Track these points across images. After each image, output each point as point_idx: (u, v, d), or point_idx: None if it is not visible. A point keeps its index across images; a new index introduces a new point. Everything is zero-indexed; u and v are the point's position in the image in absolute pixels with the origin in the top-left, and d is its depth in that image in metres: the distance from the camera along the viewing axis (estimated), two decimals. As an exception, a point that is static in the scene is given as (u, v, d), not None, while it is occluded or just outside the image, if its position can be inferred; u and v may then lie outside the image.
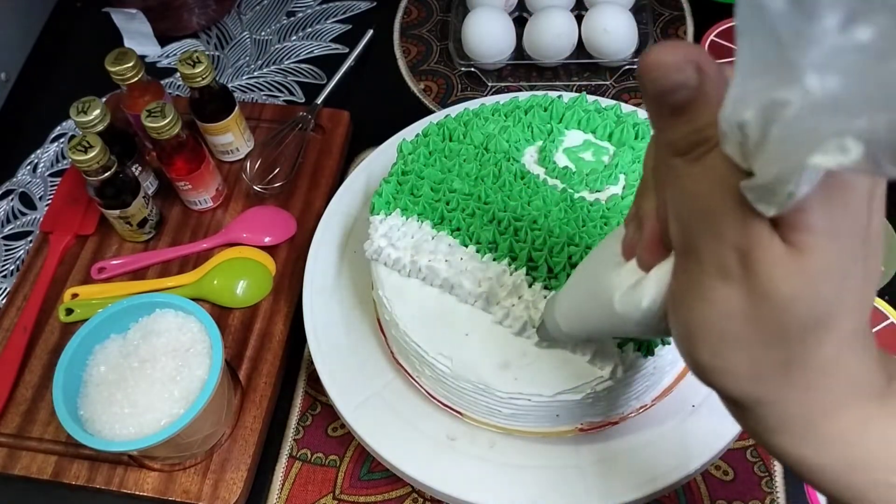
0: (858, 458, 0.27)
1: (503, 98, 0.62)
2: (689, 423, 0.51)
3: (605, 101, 0.59)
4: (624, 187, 0.53)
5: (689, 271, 0.26)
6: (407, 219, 0.52)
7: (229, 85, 0.80)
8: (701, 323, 0.25)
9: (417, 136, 0.56)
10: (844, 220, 0.23)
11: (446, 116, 0.57)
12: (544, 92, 0.59)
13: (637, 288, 0.30)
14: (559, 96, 0.58)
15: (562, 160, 0.55)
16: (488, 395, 0.47)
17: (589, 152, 0.55)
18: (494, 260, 0.49)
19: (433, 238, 0.51)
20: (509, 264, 0.49)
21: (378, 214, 0.53)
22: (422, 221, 0.52)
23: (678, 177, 0.25)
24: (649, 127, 0.56)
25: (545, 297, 0.47)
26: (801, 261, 0.23)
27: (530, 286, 0.48)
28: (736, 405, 0.27)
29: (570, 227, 0.50)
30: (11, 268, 0.71)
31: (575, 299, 0.38)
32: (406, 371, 0.53)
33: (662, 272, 0.29)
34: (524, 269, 0.48)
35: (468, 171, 0.53)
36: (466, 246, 0.50)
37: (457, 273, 0.49)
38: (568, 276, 0.48)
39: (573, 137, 0.56)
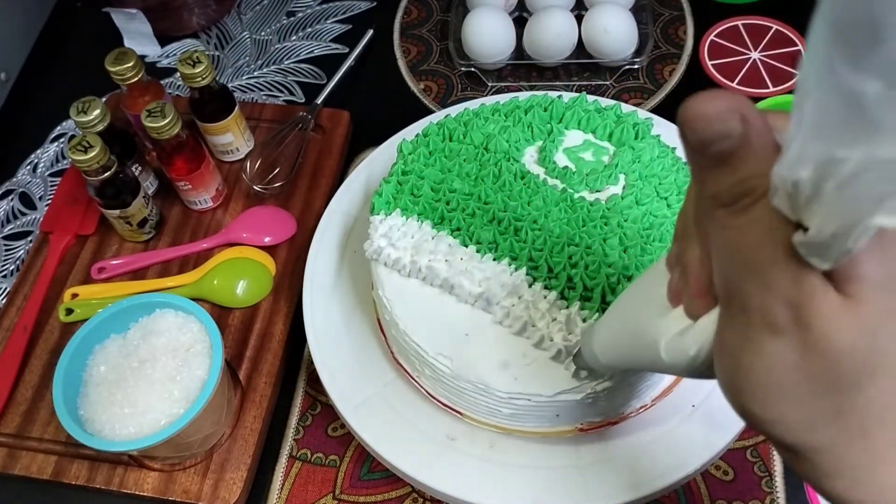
0: None
1: (503, 98, 0.62)
2: (690, 422, 0.51)
3: (605, 101, 0.59)
4: (624, 187, 0.53)
5: (735, 324, 0.25)
6: (407, 219, 0.52)
7: (229, 85, 0.80)
8: (749, 375, 0.25)
9: (417, 136, 0.56)
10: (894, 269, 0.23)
11: (446, 116, 0.57)
12: (544, 92, 0.59)
13: (684, 336, 0.29)
14: (559, 96, 0.58)
15: (562, 160, 0.55)
16: (488, 395, 0.47)
17: (589, 152, 0.55)
18: (494, 260, 0.49)
19: (433, 238, 0.51)
20: (509, 264, 0.49)
21: (378, 214, 0.53)
22: (422, 221, 0.52)
23: (722, 228, 0.24)
24: (650, 128, 0.56)
25: (545, 298, 0.47)
26: (857, 311, 0.22)
27: (530, 286, 0.48)
28: (789, 452, 0.27)
29: (571, 227, 0.50)
30: (11, 268, 0.71)
31: (615, 336, 0.38)
32: (406, 371, 0.53)
33: (710, 321, 0.28)
34: (524, 269, 0.48)
35: (468, 171, 0.53)
36: (466, 246, 0.50)
37: (457, 273, 0.49)
38: (568, 276, 0.48)
39: (573, 137, 0.56)
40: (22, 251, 0.72)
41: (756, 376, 0.25)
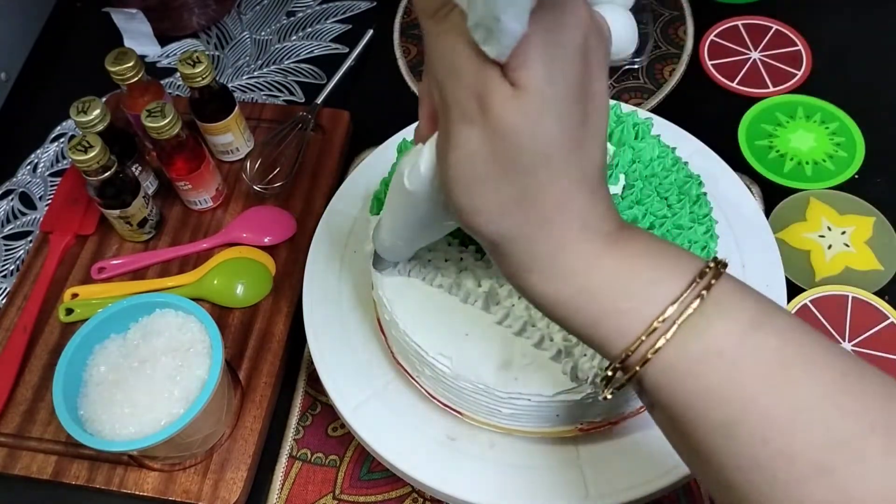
0: (592, 288, 0.30)
1: (503, 98, 0.62)
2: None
3: (605, 101, 0.59)
4: (623, 187, 0.53)
5: (443, 125, 0.30)
6: (407, 219, 0.52)
7: (229, 85, 0.80)
8: (453, 167, 0.29)
9: (417, 136, 0.56)
10: (558, 67, 0.27)
11: (446, 116, 0.57)
12: (544, 92, 0.59)
13: (418, 160, 0.34)
14: (559, 96, 0.58)
15: (562, 160, 0.55)
16: (488, 395, 0.47)
17: (589, 152, 0.55)
18: (494, 260, 0.49)
19: (433, 238, 0.51)
20: (509, 264, 0.49)
21: (378, 214, 0.53)
22: (422, 221, 0.51)
23: (431, 38, 0.29)
24: (650, 128, 0.56)
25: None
26: (523, 98, 0.27)
27: (530, 286, 0.48)
28: (492, 246, 0.31)
29: (570, 227, 0.50)
30: (11, 268, 0.71)
31: (393, 208, 0.41)
32: (406, 371, 0.53)
33: (436, 137, 0.32)
34: (524, 269, 0.48)
35: (468, 171, 0.53)
36: (466, 245, 0.50)
37: (457, 273, 0.49)
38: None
39: (573, 137, 0.56)
40: (22, 251, 0.72)
41: (457, 166, 0.29)
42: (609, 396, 0.32)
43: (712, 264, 0.30)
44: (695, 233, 0.50)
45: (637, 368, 0.30)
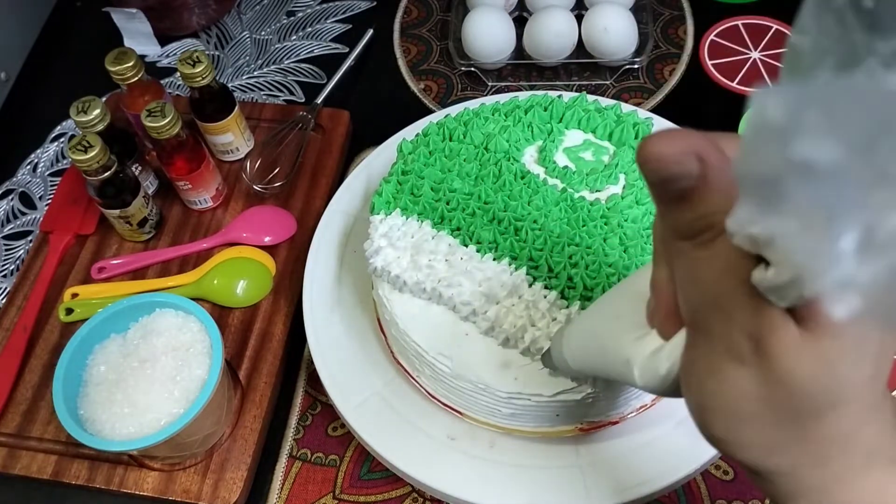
0: None
1: (503, 98, 0.62)
2: (690, 422, 0.50)
3: (605, 101, 0.59)
4: (624, 187, 0.53)
5: (699, 348, 0.26)
6: (407, 219, 0.52)
7: (229, 85, 0.80)
8: (714, 400, 0.26)
9: (417, 135, 0.56)
10: None
11: (446, 116, 0.57)
12: (544, 92, 0.59)
13: (656, 356, 0.30)
14: (559, 96, 0.58)
15: (562, 160, 0.55)
16: (488, 394, 0.47)
17: (589, 152, 0.55)
18: (495, 260, 0.49)
19: (433, 238, 0.51)
20: (510, 264, 0.49)
21: (378, 214, 0.53)
22: (422, 221, 0.52)
23: (685, 259, 0.25)
24: (650, 128, 0.56)
25: (545, 297, 0.47)
26: (816, 346, 0.23)
27: (530, 286, 0.48)
28: (752, 473, 0.27)
29: (571, 227, 0.50)
30: (11, 268, 0.70)
31: (588, 347, 0.37)
32: (406, 371, 0.53)
33: (679, 340, 0.28)
34: (524, 269, 0.48)
35: (468, 171, 0.53)
36: (467, 246, 0.50)
37: (457, 273, 0.49)
38: (568, 276, 0.48)
39: (573, 137, 0.56)
40: (22, 251, 0.72)
41: (720, 401, 0.25)
42: None
43: None
44: (695, 233, 0.50)
45: None
